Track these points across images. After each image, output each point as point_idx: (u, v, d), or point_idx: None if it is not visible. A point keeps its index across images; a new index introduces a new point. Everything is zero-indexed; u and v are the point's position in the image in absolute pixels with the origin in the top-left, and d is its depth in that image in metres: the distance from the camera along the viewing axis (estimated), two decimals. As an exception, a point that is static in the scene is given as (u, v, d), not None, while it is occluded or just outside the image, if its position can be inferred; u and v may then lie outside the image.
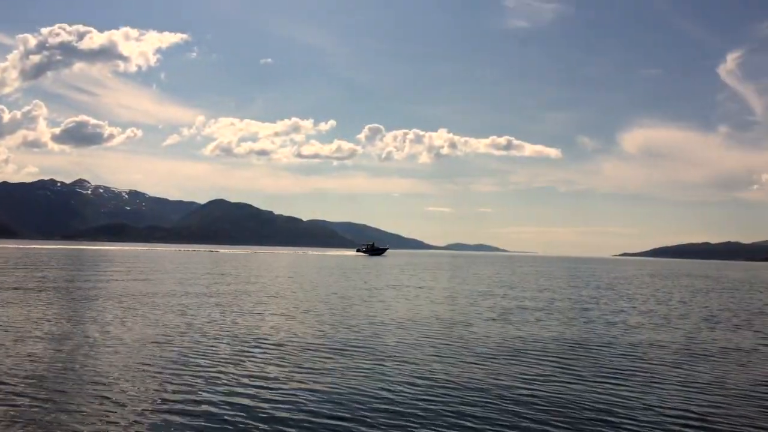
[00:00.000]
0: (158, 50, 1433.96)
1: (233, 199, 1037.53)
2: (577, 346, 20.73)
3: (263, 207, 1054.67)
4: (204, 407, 12.44)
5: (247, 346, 19.51)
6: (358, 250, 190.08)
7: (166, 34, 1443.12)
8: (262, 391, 13.67)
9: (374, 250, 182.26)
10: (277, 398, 12.88)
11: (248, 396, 13.20)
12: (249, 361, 17.02)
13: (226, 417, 11.71)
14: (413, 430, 11.25)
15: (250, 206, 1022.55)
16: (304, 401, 12.85)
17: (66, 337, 20.18)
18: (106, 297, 34.03)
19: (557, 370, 16.43)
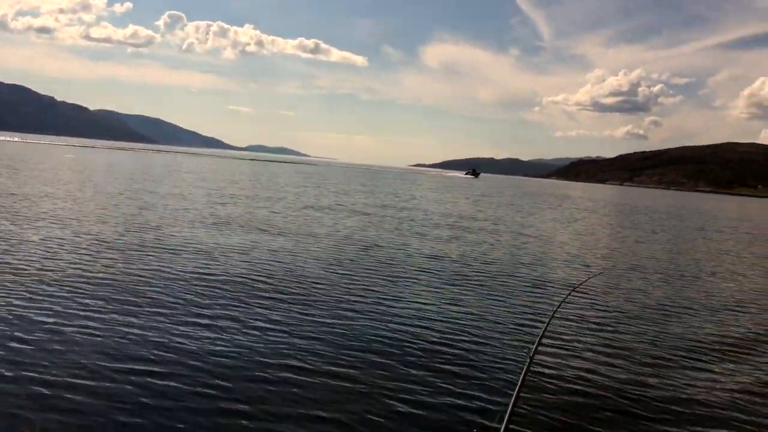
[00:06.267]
0: None
1: (6, 80, 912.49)
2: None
3: (43, 91, 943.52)
4: None
5: None
6: (466, 173, 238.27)
7: None
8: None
9: (475, 174, 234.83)
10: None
11: None
12: None
13: None
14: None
15: (26, 89, 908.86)
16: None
17: None
18: None
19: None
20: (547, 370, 9.13)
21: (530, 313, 13.12)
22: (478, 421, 7.22)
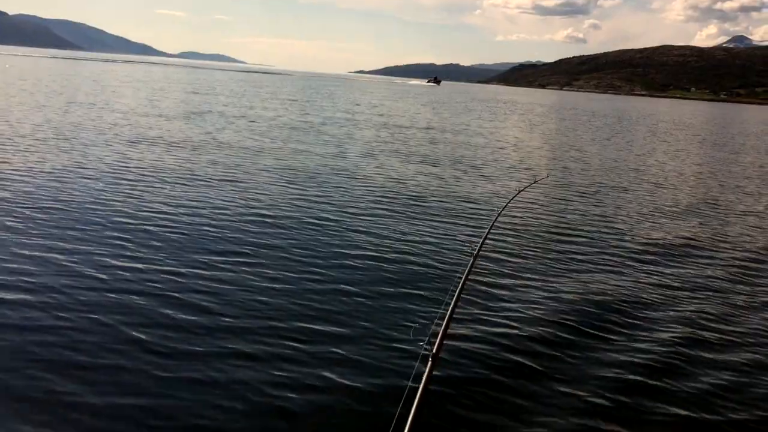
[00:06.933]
0: None
1: None
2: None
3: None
4: None
5: None
6: (428, 81, 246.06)
7: None
8: None
9: (437, 81, 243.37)
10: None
11: None
12: None
13: None
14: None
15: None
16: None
17: None
18: None
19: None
20: (489, 264, 9.77)
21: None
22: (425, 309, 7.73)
